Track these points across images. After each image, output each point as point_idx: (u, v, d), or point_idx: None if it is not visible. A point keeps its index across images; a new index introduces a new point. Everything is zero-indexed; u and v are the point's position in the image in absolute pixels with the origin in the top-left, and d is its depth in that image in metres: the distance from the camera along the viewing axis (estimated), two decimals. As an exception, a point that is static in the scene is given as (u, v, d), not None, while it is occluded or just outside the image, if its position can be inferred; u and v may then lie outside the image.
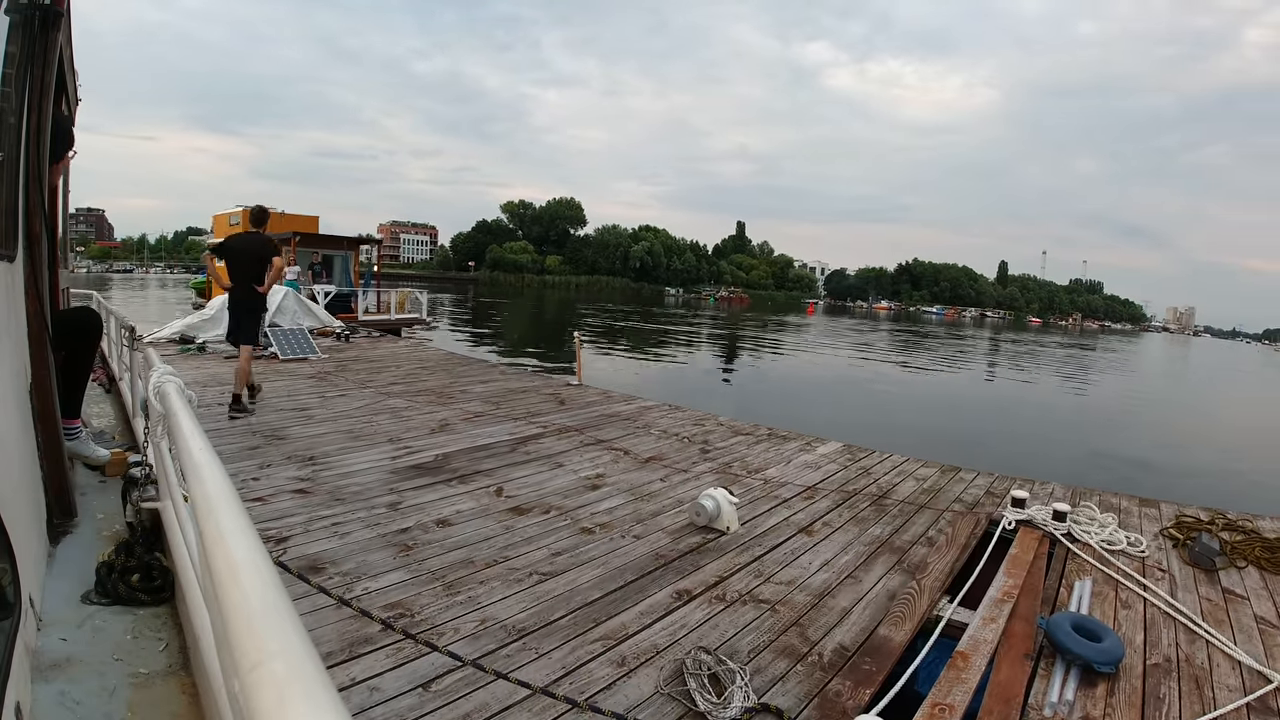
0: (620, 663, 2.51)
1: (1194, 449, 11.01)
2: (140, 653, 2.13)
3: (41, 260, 2.72)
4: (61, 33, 2.70)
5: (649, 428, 6.27)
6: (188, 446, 1.26)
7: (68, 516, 3.02)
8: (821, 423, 8.94)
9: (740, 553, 3.56)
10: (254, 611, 0.63)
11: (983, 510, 4.34)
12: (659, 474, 4.85)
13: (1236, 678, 2.65)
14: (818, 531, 3.90)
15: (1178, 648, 2.83)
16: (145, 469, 3.02)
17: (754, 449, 5.76)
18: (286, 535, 3.51)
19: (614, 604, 2.96)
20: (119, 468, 3.74)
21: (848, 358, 22.65)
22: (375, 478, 4.52)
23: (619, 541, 3.63)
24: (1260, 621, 3.09)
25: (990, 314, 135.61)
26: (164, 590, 2.47)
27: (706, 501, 3.81)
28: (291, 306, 10.96)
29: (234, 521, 0.85)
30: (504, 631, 2.69)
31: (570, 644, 2.62)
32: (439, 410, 6.66)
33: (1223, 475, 9.42)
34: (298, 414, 6.32)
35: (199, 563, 1.47)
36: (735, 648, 2.65)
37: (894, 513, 4.26)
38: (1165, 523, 4.21)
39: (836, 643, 2.73)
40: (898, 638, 2.77)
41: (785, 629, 2.82)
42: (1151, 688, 2.53)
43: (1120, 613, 3.09)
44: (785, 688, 2.42)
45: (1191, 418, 14.21)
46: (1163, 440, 11.02)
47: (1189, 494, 6.29)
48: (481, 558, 3.36)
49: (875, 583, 3.28)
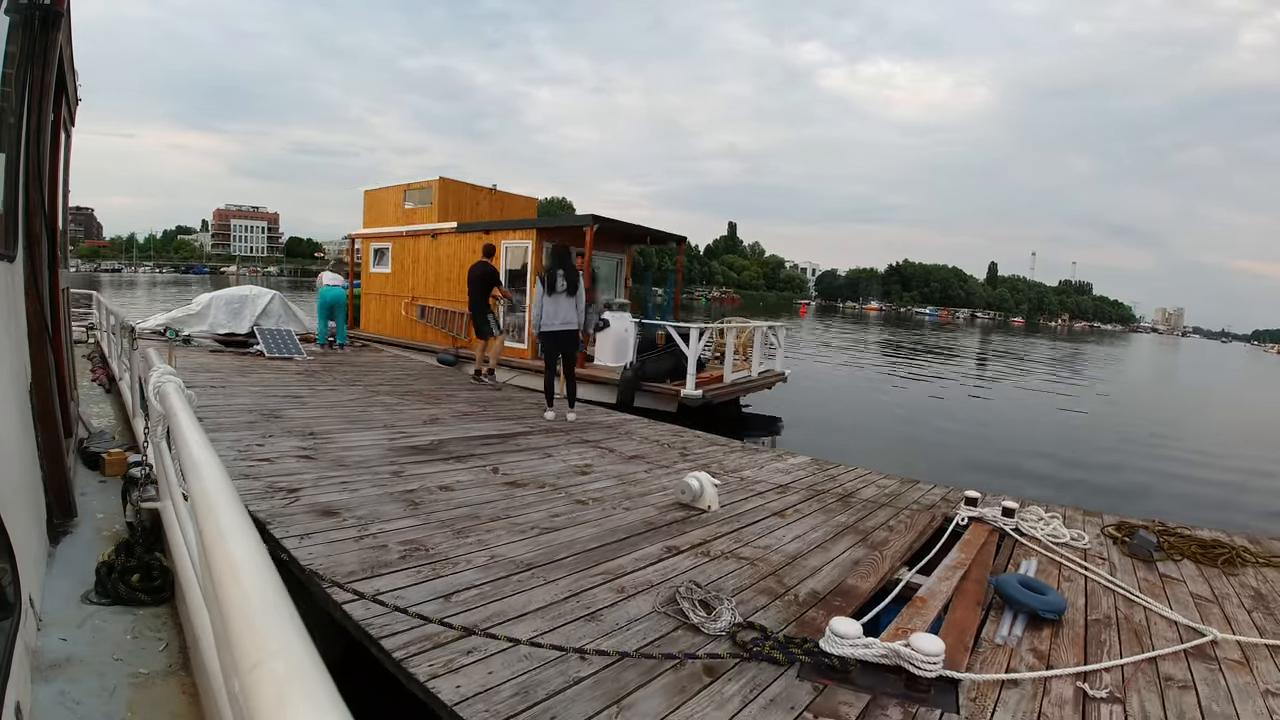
0: (620, 590, 2.81)
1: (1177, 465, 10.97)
2: (140, 653, 2.13)
3: (41, 260, 2.72)
4: (61, 33, 2.70)
5: (630, 435, 6.57)
6: (187, 446, 1.25)
7: (68, 516, 3.01)
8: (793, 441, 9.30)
9: (721, 525, 3.88)
10: (254, 611, 0.63)
11: (938, 510, 4.74)
12: (643, 467, 5.16)
13: (1174, 632, 2.95)
14: (790, 515, 4.23)
15: (1117, 609, 3.14)
16: (145, 469, 3.06)
17: (729, 456, 6.10)
18: (297, 488, 3.73)
19: (611, 551, 3.25)
20: (119, 468, 3.75)
21: (855, 366, 22.50)
22: (375, 452, 4.75)
23: (611, 511, 3.93)
24: (1196, 597, 3.38)
25: (980, 315, 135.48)
26: (164, 590, 2.47)
27: (692, 481, 4.14)
28: (277, 309, 11.10)
29: (234, 521, 0.84)
30: (513, 565, 2.96)
31: (574, 575, 2.91)
32: (429, 408, 6.88)
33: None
34: (291, 399, 6.50)
35: (199, 562, 1.50)
36: (720, 587, 2.96)
37: (858, 508, 4.62)
38: (1106, 524, 4.63)
39: (809, 589, 3.06)
40: (864, 586, 3.12)
41: (764, 577, 3.14)
42: (1093, 634, 2.86)
43: (1063, 584, 3.45)
44: (766, 614, 2.74)
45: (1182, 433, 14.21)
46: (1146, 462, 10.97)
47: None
48: (486, 514, 3.62)
49: (842, 552, 3.62)
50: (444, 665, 2.11)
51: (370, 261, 14.23)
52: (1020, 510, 4.47)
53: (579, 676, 2.14)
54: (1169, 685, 2.48)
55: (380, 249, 13.99)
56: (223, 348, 10.10)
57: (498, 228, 11.30)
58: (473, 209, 13.36)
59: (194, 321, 10.33)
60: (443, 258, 12.25)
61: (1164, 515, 5.20)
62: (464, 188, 13.41)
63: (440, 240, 12.30)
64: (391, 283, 13.55)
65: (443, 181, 13.03)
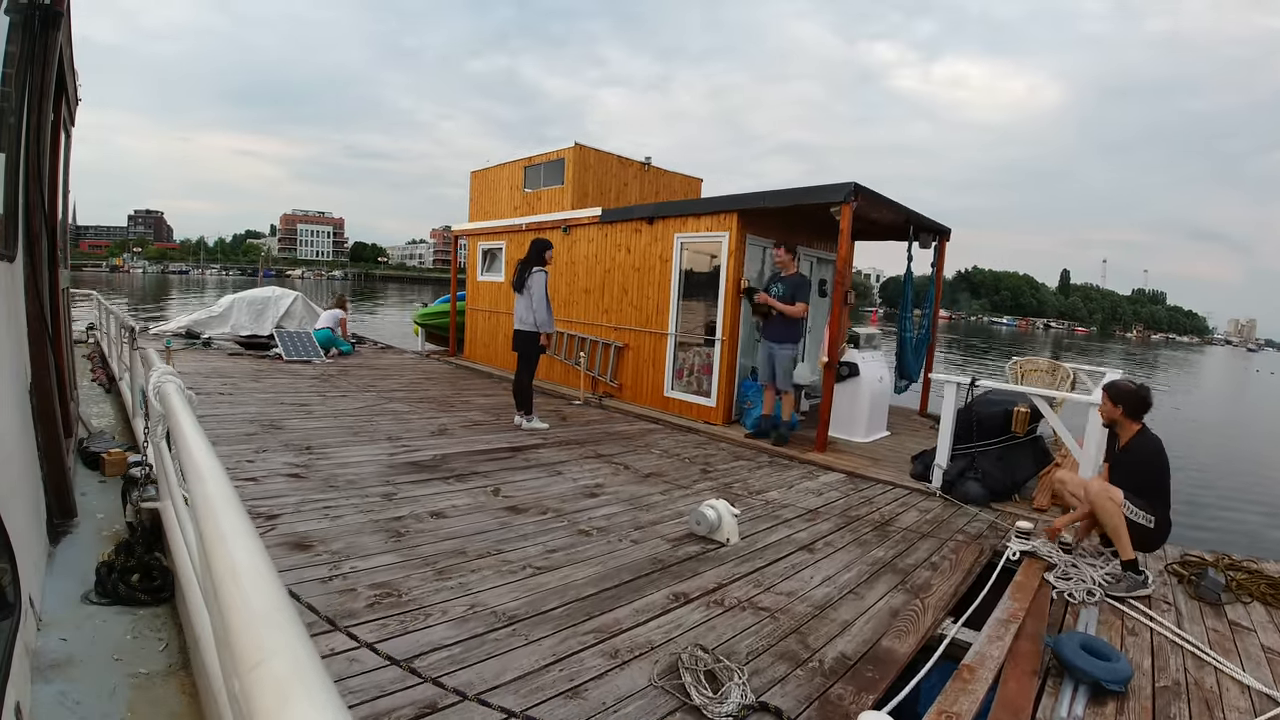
0: (613, 655, 2.41)
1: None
2: (140, 653, 2.14)
3: (41, 260, 2.72)
4: (61, 33, 2.72)
5: (650, 447, 6.18)
6: (188, 446, 1.26)
7: (68, 516, 3.03)
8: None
9: (740, 563, 3.46)
10: (254, 611, 0.63)
11: (986, 541, 4.24)
12: (659, 488, 4.76)
13: (1246, 700, 2.55)
14: (819, 550, 3.79)
15: (1186, 672, 2.73)
16: (145, 469, 3.03)
17: (756, 473, 5.66)
18: (277, 514, 3.45)
19: (608, 600, 2.86)
20: (119, 468, 3.76)
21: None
22: (371, 469, 4.45)
23: (616, 545, 3.54)
24: (1268, 651, 2.99)
25: (1054, 325, 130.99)
26: (164, 590, 2.48)
27: (708, 511, 3.73)
28: (300, 311, 11.00)
29: (234, 521, 0.85)
30: (494, 617, 2.60)
31: (562, 633, 2.53)
32: (440, 416, 6.59)
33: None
34: (298, 409, 6.26)
35: (199, 562, 1.50)
36: (733, 649, 2.55)
37: (896, 538, 4.15)
38: (1169, 561, 4.10)
39: (838, 651, 2.62)
40: (902, 650, 2.66)
41: (785, 635, 2.71)
42: (1161, 707, 2.42)
43: (1127, 639, 2.98)
44: (784, 690, 2.31)
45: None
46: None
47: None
48: (475, 549, 3.27)
49: (878, 600, 3.17)
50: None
51: (479, 266, 10.78)
52: (1078, 545, 3.95)
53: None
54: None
55: (491, 249, 10.46)
56: (242, 350, 9.99)
57: (669, 212, 7.63)
58: (619, 192, 10.01)
59: (216, 323, 10.27)
60: (578, 259, 8.81)
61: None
62: (608, 160, 9.89)
63: (575, 235, 8.82)
64: (506, 295, 9.62)
65: (578, 150, 9.53)
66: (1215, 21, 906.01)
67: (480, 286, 10.93)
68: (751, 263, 7.22)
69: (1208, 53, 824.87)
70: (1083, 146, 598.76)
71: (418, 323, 13.49)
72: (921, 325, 7.97)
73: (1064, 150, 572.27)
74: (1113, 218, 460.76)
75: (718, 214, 7.10)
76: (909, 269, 7.69)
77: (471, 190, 11.79)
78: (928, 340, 8.15)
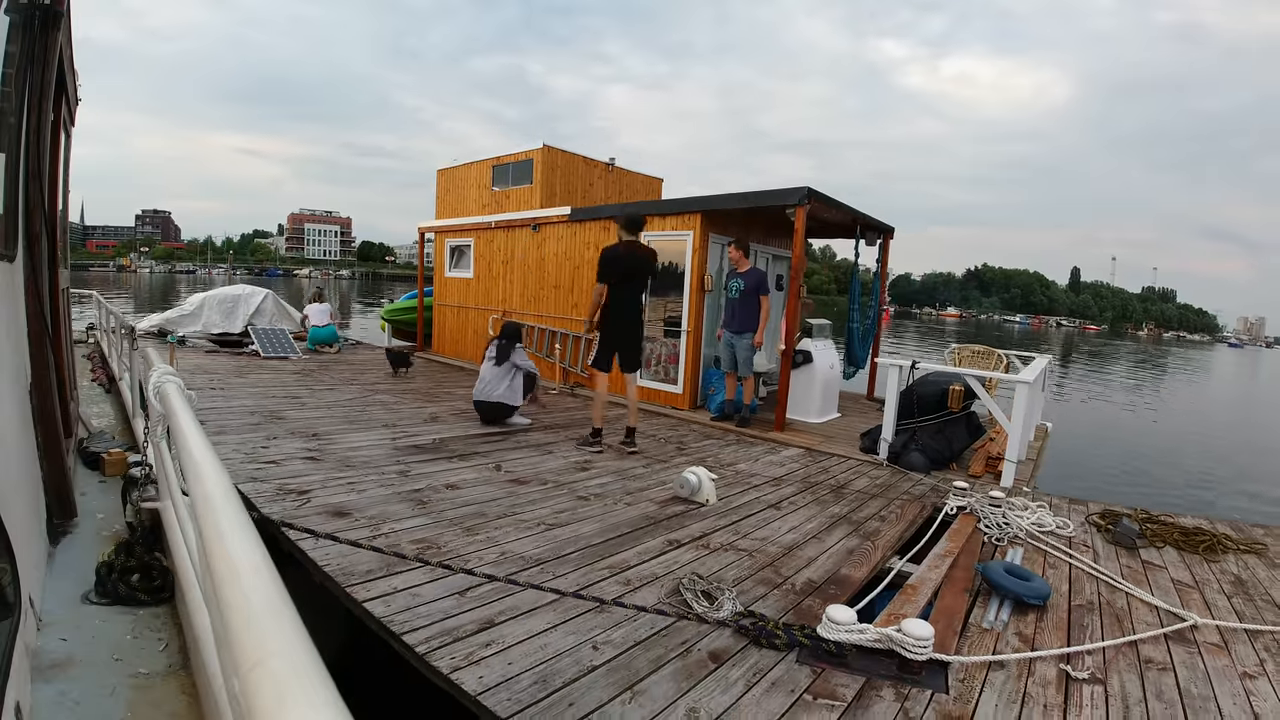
0: (626, 583, 2.94)
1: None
2: (140, 653, 2.14)
3: (41, 260, 2.73)
4: (61, 33, 2.70)
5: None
6: (188, 446, 1.25)
7: (68, 516, 3.02)
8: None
9: (719, 518, 4.01)
10: (254, 611, 0.63)
11: (928, 500, 4.90)
12: (641, 463, 5.28)
13: (1154, 617, 3.08)
14: (785, 508, 4.38)
15: (1100, 595, 3.30)
16: (145, 469, 3.07)
17: (725, 449, 6.24)
18: (307, 489, 3.83)
19: (614, 546, 3.38)
20: (119, 468, 3.78)
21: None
22: (380, 452, 4.85)
23: (612, 507, 4.05)
24: (1178, 584, 3.52)
25: (1065, 323, 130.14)
26: (164, 590, 2.48)
27: (690, 476, 4.27)
28: (270, 308, 11.13)
29: (234, 521, 0.85)
30: (523, 560, 3.08)
31: (581, 570, 3.04)
32: (428, 406, 6.98)
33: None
34: (291, 400, 6.57)
35: (199, 562, 1.49)
36: (721, 578, 3.09)
37: (851, 499, 4.77)
38: (1091, 512, 4.80)
39: (806, 578, 3.20)
40: (857, 575, 3.27)
41: (762, 568, 3.28)
42: (1076, 618, 3.01)
43: (1048, 571, 3.61)
44: (766, 603, 2.88)
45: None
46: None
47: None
48: (492, 512, 3.74)
49: (836, 543, 3.77)
50: (465, 658, 2.23)
51: (446, 263, 11.30)
52: (1007, 499, 4.64)
53: (593, 665, 2.27)
54: (1149, 667, 2.63)
55: (459, 246, 10.96)
56: (217, 348, 10.12)
57: (639, 213, 7.24)
58: (585, 192, 10.43)
59: (187, 322, 10.36)
60: (548, 257, 9.26)
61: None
62: (574, 161, 10.30)
63: (545, 233, 9.24)
64: (474, 291, 10.44)
65: (546, 152, 9.92)
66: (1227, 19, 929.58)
67: (448, 282, 11.37)
68: (711, 260, 7.77)
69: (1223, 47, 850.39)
70: (1092, 143, 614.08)
71: (385, 319, 13.79)
72: (867, 316, 8.71)
73: (1073, 148, 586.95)
74: (1122, 216, 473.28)
75: (683, 214, 7.64)
76: (855, 265, 8.42)
77: (438, 188, 12.14)
78: (874, 331, 8.97)
